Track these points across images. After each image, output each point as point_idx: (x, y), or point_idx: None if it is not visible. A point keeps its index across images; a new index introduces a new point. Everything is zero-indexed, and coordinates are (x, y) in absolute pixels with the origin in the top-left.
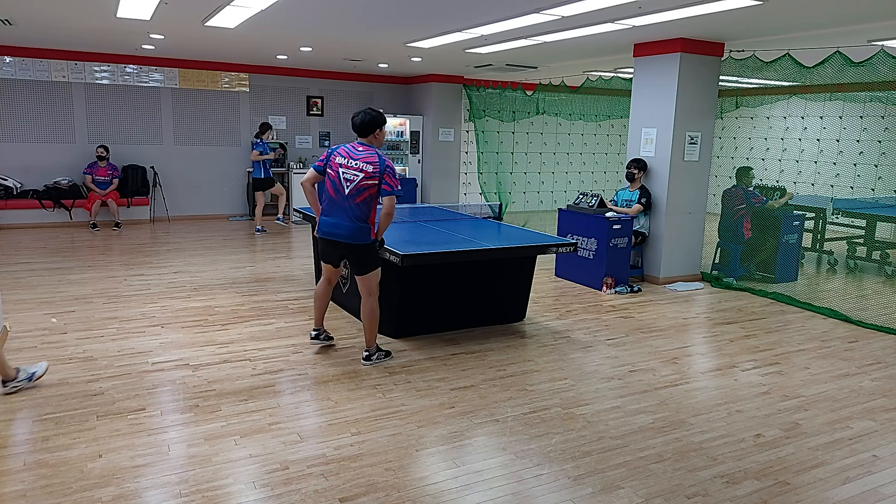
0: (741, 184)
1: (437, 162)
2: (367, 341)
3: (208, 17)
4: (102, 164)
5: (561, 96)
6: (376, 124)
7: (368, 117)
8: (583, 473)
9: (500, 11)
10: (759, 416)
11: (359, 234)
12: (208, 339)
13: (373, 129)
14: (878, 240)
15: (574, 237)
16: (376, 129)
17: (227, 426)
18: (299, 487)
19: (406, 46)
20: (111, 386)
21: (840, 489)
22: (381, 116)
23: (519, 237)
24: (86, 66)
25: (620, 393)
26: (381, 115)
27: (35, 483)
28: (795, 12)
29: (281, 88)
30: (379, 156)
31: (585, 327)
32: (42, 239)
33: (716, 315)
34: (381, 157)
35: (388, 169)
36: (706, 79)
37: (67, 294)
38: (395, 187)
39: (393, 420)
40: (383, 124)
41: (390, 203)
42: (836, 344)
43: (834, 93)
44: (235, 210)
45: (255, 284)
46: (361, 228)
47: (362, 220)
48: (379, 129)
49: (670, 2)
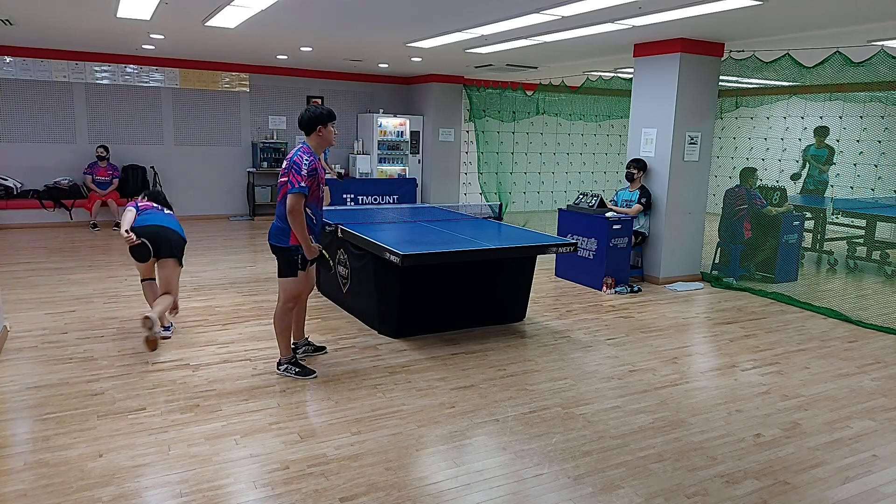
0: (745, 184)
1: (437, 162)
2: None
3: (208, 17)
4: (102, 164)
5: (561, 96)
6: (315, 122)
7: (306, 115)
8: (583, 473)
9: (500, 11)
10: (758, 416)
11: (275, 234)
12: (208, 338)
13: (312, 128)
14: (878, 240)
15: (574, 237)
16: (316, 126)
17: (228, 426)
18: (299, 487)
19: (406, 46)
20: (111, 386)
21: (840, 489)
22: (321, 114)
23: (519, 237)
24: (86, 66)
25: (620, 393)
26: (322, 113)
27: (35, 483)
28: (795, 12)
29: (281, 88)
30: (296, 151)
31: (585, 327)
32: (42, 239)
33: (716, 315)
34: (297, 152)
35: (294, 165)
36: (706, 79)
37: (67, 294)
38: (297, 184)
39: (393, 420)
40: (325, 121)
41: (290, 200)
42: (836, 344)
43: (834, 93)
44: (235, 210)
45: (255, 284)
46: (278, 228)
47: (280, 219)
48: (320, 126)
49: (670, 2)
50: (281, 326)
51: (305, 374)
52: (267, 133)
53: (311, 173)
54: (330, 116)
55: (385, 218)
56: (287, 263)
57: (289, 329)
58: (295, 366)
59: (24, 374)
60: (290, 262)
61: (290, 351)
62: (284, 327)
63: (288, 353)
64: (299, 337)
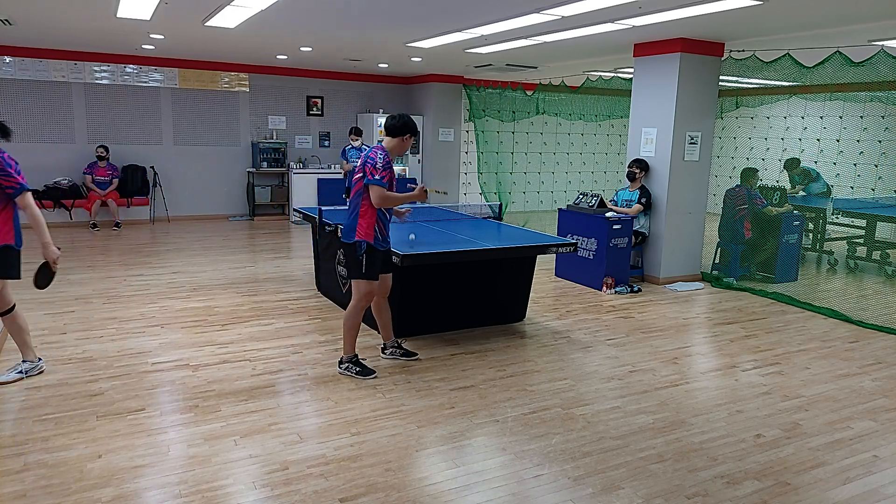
0: (745, 184)
1: (437, 162)
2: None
3: (208, 17)
4: (102, 164)
5: (561, 96)
6: (406, 130)
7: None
8: (583, 474)
9: (500, 11)
10: (759, 417)
11: (346, 232)
12: (208, 339)
13: (402, 133)
14: (878, 240)
15: (574, 237)
16: (406, 133)
17: (227, 426)
18: (299, 488)
19: (406, 46)
20: (111, 386)
21: (840, 489)
22: (413, 125)
23: (519, 237)
24: (86, 66)
25: (620, 393)
26: (414, 124)
27: (35, 483)
28: (795, 12)
29: (281, 88)
30: (371, 149)
31: (585, 327)
32: None
33: (716, 315)
34: (372, 149)
35: (369, 160)
36: (706, 79)
37: (67, 294)
38: (372, 176)
39: (393, 420)
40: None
41: (372, 193)
42: (837, 344)
43: (834, 93)
44: (235, 210)
45: (255, 284)
46: (348, 225)
47: (351, 216)
48: (409, 135)
49: (670, 2)
50: (349, 325)
51: (365, 373)
52: (266, 133)
53: (387, 166)
54: (416, 130)
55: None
56: (354, 263)
57: (356, 328)
58: (356, 365)
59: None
60: (355, 262)
61: (353, 350)
62: (352, 326)
63: (351, 353)
64: (388, 338)
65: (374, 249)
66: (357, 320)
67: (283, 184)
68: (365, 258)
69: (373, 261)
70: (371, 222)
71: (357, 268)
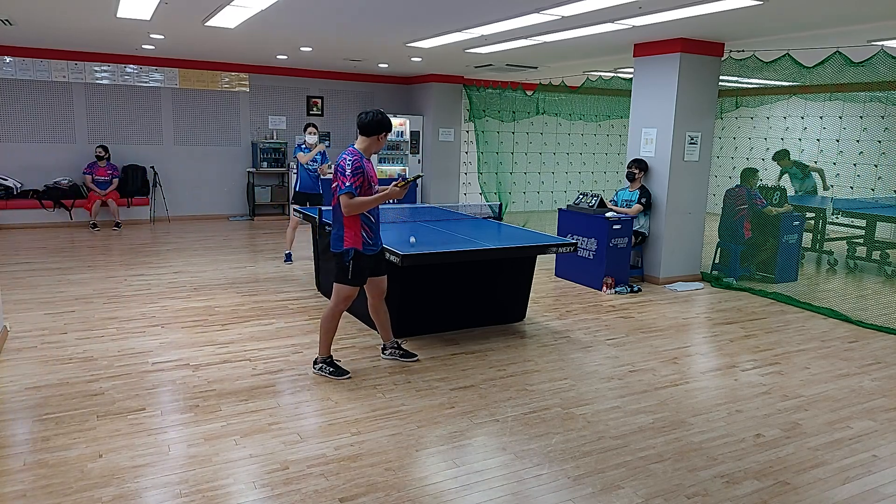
0: (745, 184)
1: (437, 162)
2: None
3: (208, 17)
4: (102, 163)
5: (561, 96)
6: (381, 127)
7: (374, 118)
8: (583, 473)
9: (500, 11)
10: (759, 416)
11: (333, 240)
12: (208, 339)
13: (376, 131)
14: (878, 240)
15: (574, 237)
16: (381, 131)
17: (227, 426)
18: (299, 487)
19: (406, 46)
20: (111, 386)
21: (840, 489)
22: (387, 122)
23: (519, 237)
24: (86, 66)
25: (620, 393)
26: (388, 121)
27: (35, 483)
28: (795, 12)
29: (281, 88)
30: (341, 156)
31: (585, 327)
32: (42, 239)
33: (716, 315)
34: (342, 155)
35: (339, 168)
36: (706, 79)
37: (67, 294)
38: (343, 185)
39: (393, 420)
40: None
41: (342, 202)
42: (836, 344)
43: (834, 93)
44: (235, 210)
45: (255, 284)
46: (334, 234)
47: (334, 225)
48: (385, 132)
49: (670, 2)
50: (326, 327)
51: (339, 374)
52: (266, 133)
53: (356, 171)
54: (390, 125)
55: (385, 218)
56: (340, 268)
57: (333, 331)
58: (329, 365)
59: (24, 375)
60: (342, 267)
61: (328, 352)
62: (329, 328)
63: (326, 354)
64: (387, 338)
65: (362, 255)
66: (334, 323)
67: (283, 184)
68: (352, 265)
69: (360, 267)
70: (356, 230)
71: (343, 273)
